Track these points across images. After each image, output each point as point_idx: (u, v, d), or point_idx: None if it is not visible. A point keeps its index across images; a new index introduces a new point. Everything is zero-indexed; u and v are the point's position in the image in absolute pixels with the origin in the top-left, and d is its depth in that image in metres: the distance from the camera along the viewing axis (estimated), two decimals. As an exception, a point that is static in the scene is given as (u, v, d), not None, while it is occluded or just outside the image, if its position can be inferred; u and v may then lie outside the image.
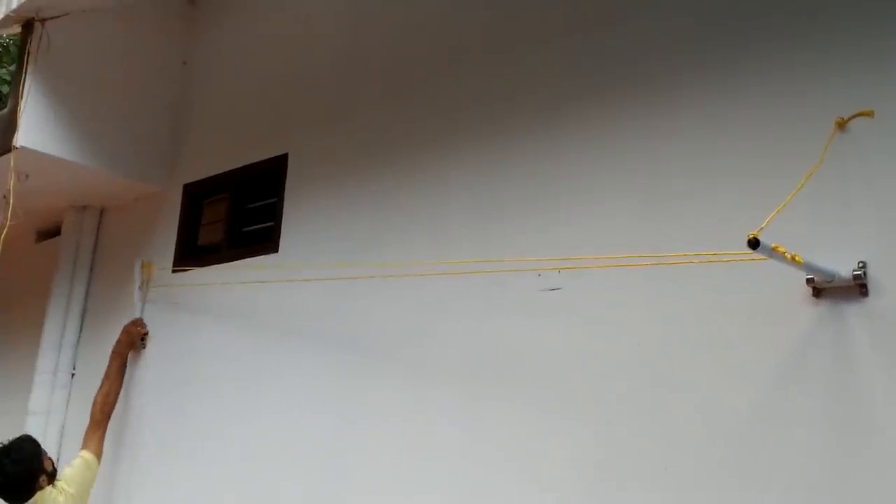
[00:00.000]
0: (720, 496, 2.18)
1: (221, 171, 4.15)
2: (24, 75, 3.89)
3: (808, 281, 2.09)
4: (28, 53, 3.92)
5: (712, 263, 2.17)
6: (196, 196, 4.32)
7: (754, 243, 1.74)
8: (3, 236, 3.68)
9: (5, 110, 4.04)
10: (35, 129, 3.90)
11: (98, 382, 4.20)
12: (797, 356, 2.12)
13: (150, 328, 4.19)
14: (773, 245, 1.79)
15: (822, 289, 2.10)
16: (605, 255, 2.53)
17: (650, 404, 2.36)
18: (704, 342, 2.30)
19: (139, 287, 4.24)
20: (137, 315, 4.19)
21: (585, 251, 2.61)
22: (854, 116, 2.14)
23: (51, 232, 5.13)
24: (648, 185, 2.54)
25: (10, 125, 3.86)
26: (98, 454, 3.66)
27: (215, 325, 3.79)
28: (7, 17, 3.95)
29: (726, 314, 2.27)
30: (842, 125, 2.16)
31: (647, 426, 2.36)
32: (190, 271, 4.12)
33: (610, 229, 2.59)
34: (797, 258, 1.86)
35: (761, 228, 1.77)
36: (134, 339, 4.10)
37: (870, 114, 2.12)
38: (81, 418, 4.40)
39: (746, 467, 2.15)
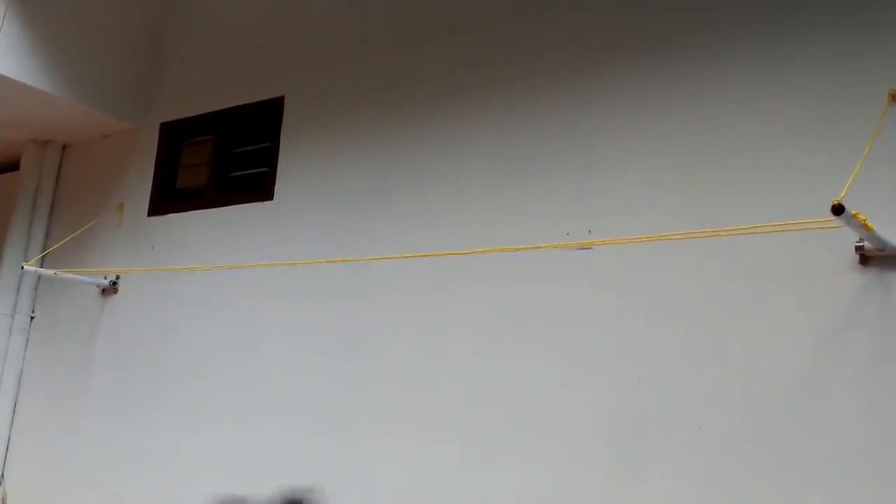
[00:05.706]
0: (755, 458, 2.22)
1: (205, 111, 3.95)
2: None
3: (857, 248, 2.13)
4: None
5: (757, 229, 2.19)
6: (175, 136, 4.10)
7: (839, 209, 1.76)
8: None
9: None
10: (4, 53, 3.61)
11: (60, 327, 3.97)
12: (842, 322, 2.16)
13: (123, 273, 3.99)
14: (852, 212, 1.80)
15: (870, 257, 2.14)
16: (642, 216, 2.53)
17: (685, 366, 2.38)
18: (744, 307, 2.31)
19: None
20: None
21: (619, 211, 2.59)
22: (908, 89, 2.18)
23: (6, 166, 4.78)
24: (688, 145, 2.52)
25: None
26: None
27: (201, 272, 3.62)
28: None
29: (767, 279, 2.29)
30: (895, 97, 2.19)
31: (681, 386, 2.37)
32: (168, 216, 3.94)
33: (645, 187, 2.57)
34: (870, 226, 1.88)
35: (843, 196, 1.78)
36: None
37: (923, 87, 2.16)
38: (41, 363, 4.21)
39: (784, 432, 2.18)
